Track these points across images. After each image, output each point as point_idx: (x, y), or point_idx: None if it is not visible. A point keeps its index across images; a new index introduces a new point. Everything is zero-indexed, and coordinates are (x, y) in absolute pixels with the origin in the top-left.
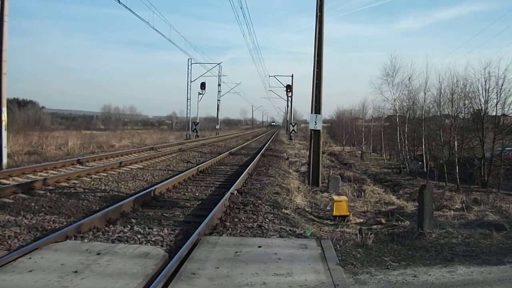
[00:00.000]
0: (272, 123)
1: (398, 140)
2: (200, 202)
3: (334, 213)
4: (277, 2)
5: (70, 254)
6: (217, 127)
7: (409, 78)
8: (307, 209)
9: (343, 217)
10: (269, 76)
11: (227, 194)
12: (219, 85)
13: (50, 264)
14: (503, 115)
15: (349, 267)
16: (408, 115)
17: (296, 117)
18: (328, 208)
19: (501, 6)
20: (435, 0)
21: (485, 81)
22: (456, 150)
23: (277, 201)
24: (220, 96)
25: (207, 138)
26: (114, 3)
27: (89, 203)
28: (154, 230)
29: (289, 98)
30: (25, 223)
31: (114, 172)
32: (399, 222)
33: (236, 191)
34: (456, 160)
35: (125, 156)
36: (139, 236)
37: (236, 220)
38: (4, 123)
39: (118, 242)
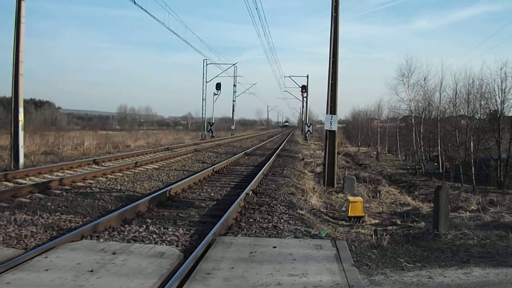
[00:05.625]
0: (286, 123)
1: (414, 141)
2: (215, 202)
3: (349, 214)
4: (292, 3)
5: (86, 254)
6: (233, 127)
7: (425, 79)
8: (322, 210)
9: (358, 218)
10: (284, 76)
11: (242, 195)
12: (234, 85)
13: (66, 263)
14: None
15: (364, 268)
16: (423, 116)
17: (312, 118)
18: (343, 208)
19: None
20: (450, 0)
21: (502, 82)
22: (472, 151)
23: (292, 202)
24: (236, 96)
25: (222, 138)
26: (129, 4)
27: (105, 203)
28: (170, 230)
29: (304, 99)
30: (41, 222)
31: (129, 172)
32: (414, 223)
33: (251, 192)
34: (472, 161)
35: (141, 156)
36: (154, 236)
37: (251, 220)
38: (21, 123)
39: (133, 242)
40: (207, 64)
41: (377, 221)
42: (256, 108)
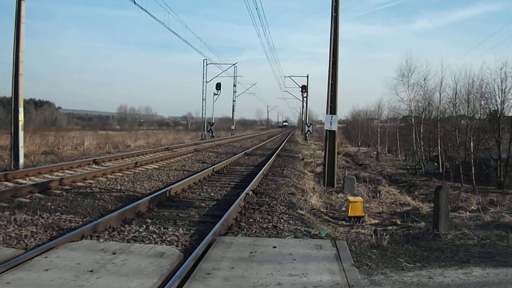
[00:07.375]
0: (285, 123)
1: (414, 141)
2: (215, 202)
3: (349, 214)
4: (292, 3)
5: (86, 254)
6: (233, 127)
7: (425, 79)
8: (322, 210)
9: (358, 218)
10: (284, 76)
11: (242, 195)
12: (234, 85)
13: (66, 263)
14: None
15: (364, 268)
16: (423, 116)
17: (312, 118)
18: (343, 208)
19: None
20: (450, 0)
21: (502, 82)
22: (472, 151)
23: (292, 202)
24: (236, 96)
25: (222, 138)
26: (129, 4)
27: (105, 203)
28: (170, 230)
29: (304, 99)
30: (41, 222)
31: (129, 172)
32: (414, 223)
33: (251, 192)
34: (472, 161)
35: (141, 156)
36: (154, 236)
37: (251, 220)
38: (21, 124)
39: (133, 242)
40: (207, 64)
41: (377, 221)
42: (256, 108)
